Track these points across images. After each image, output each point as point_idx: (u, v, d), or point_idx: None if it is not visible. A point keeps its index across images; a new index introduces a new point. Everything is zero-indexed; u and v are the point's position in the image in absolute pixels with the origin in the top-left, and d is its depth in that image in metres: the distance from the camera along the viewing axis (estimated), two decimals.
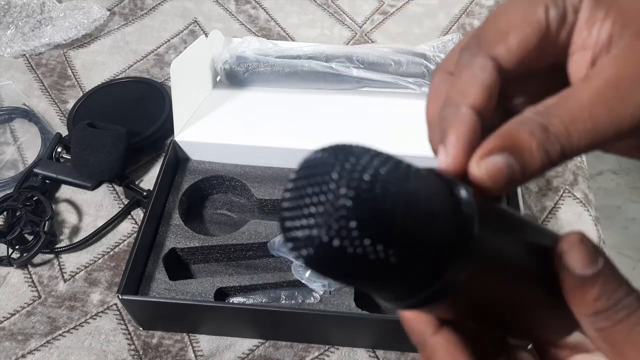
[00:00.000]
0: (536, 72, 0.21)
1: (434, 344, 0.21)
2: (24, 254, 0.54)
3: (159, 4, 0.80)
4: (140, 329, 0.51)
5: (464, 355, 0.20)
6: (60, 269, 0.55)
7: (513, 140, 0.18)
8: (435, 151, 0.21)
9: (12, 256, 0.54)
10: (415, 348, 0.24)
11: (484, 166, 0.18)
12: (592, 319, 0.19)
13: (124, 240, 0.57)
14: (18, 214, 0.56)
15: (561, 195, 0.60)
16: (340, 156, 0.16)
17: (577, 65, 0.20)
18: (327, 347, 0.49)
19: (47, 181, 0.59)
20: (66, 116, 0.66)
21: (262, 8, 0.79)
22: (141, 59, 0.73)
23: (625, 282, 0.19)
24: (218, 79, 0.64)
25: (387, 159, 0.17)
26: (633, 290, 0.19)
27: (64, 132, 0.63)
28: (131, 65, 0.72)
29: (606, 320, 0.19)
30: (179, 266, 0.54)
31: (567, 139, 0.18)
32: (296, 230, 0.16)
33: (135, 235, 0.52)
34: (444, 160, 0.20)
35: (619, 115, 0.18)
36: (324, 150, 0.17)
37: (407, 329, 0.22)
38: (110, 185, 0.60)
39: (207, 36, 0.63)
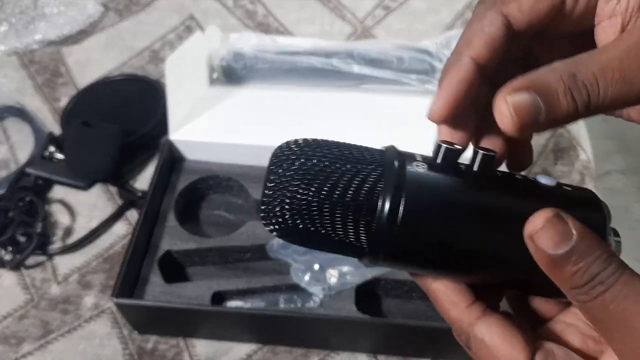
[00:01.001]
0: (561, 36, 0.22)
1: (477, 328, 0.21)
2: (17, 256, 0.53)
3: None
4: (135, 333, 0.50)
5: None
6: (54, 272, 0.54)
7: (541, 82, 0.19)
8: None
9: (4, 258, 0.53)
10: (418, 353, 0.24)
11: (511, 100, 0.18)
12: (570, 293, 0.19)
13: (119, 242, 0.56)
14: (10, 214, 0.55)
15: None
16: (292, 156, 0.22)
17: (605, 32, 0.21)
18: (327, 352, 0.49)
19: (39, 181, 0.58)
20: (59, 114, 0.65)
21: (261, 3, 0.78)
22: (136, 56, 0.72)
23: (601, 255, 0.19)
24: (215, 76, 0.63)
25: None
26: (611, 261, 0.19)
27: (58, 131, 0.62)
28: (126, 62, 0.71)
29: (584, 295, 0.19)
30: (175, 268, 0.53)
31: (594, 88, 0.18)
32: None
33: (129, 236, 0.51)
34: (433, 103, 0.21)
35: None
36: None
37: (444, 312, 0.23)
38: (105, 186, 0.59)
39: (203, 32, 0.61)
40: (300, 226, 0.21)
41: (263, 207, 0.21)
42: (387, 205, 0.20)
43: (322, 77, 0.61)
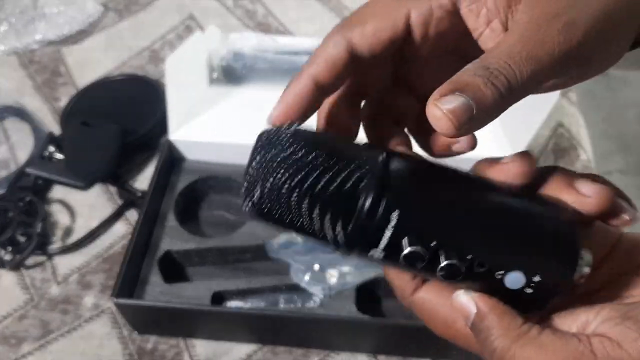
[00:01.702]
0: (444, 55, 0.24)
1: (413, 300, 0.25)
2: (16, 256, 0.53)
3: None
4: (135, 333, 0.50)
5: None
6: (53, 272, 0.54)
7: (462, 82, 0.20)
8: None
9: (4, 258, 0.53)
10: (418, 353, 0.26)
11: (442, 105, 0.19)
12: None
13: (118, 242, 0.56)
14: (10, 214, 0.55)
15: None
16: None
17: (491, 39, 0.23)
18: (327, 352, 0.49)
19: (39, 181, 0.58)
20: (59, 114, 0.65)
21: (260, 3, 0.78)
22: (136, 56, 0.72)
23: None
24: (215, 75, 0.63)
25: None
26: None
27: (57, 131, 0.62)
28: (126, 62, 0.71)
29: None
30: (175, 269, 0.53)
31: (509, 71, 0.20)
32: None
33: (129, 236, 0.51)
34: (272, 110, 0.23)
35: (547, 41, 0.20)
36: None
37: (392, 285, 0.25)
38: (104, 186, 0.59)
39: (203, 32, 0.61)
40: (276, 215, 0.21)
41: (245, 185, 0.21)
42: (367, 204, 0.20)
43: None
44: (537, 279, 0.21)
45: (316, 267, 0.49)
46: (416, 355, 0.48)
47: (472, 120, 0.19)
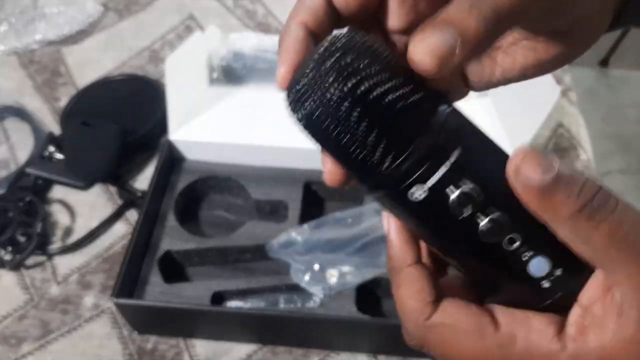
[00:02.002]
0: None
1: (407, 272, 0.23)
2: (16, 256, 0.53)
3: None
4: (135, 333, 0.50)
5: (431, 284, 0.22)
6: (53, 272, 0.54)
7: (442, 17, 0.19)
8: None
9: (4, 258, 0.53)
10: (419, 354, 0.24)
11: (425, 43, 0.19)
12: (570, 224, 0.19)
13: (118, 242, 0.56)
14: (10, 214, 0.55)
15: None
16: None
17: None
18: (327, 352, 0.49)
19: (39, 181, 0.58)
20: (59, 114, 0.65)
21: (260, 3, 0.78)
22: (136, 56, 0.72)
23: (587, 179, 0.19)
24: (215, 75, 0.63)
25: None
26: (599, 186, 0.19)
27: (57, 131, 0.62)
28: (126, 62, 0.71)
29: (586, 221, 0.19)
30: (175, 269, 0.53)
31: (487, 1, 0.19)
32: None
33: (129, 236, 0.51)
34: (277, 71, 0.21)
35: None
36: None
37: (390, 252, 0.24)
38: (104, 186, 0.59)
39: (203, 32, 0.61)
40: (324, 127, 0.20)
41: (294, 92, 0.20)
42: (425, 140, 0.19)
43: None
44: (558, 272, 0.21)
45: (316, 267, 0.49)
46: (416, 355, 0.48)
47: (455, 53, 0.19)
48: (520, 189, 0.19)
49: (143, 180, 0.59)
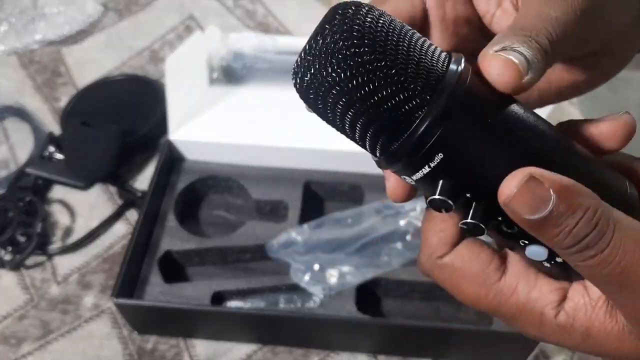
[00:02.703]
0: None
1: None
2: (16, 256, 0.53)
3: None
4: (135, 333, 0.50)
5: (455, 229, 0.23)
6: (53, 272, 0.54)
7: (509, 41, 0.19)
8: None
9: (4, 258, 0.53)
10: (418, 353, 0.25)
11: (502, 54, 0.19)
12: (561, 254, 0.19)
13: (118, 242, 0.56)
14: (10, 214, 0.55)
15: None
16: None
17: (502, 18, 0.23)
18: (327, 352, 0.49)
19: (39, 181, 0.58)
20: (59, 114, 0.65)
21: (260, 3, 0.78)
22: (136, 56, 0.72)
23: (585, 215, 0.18)
24: (215, 76, 0.62)
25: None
26: (597, 221, 0.18)
27: (57, 131, 0.62)
28: (125, 62, 0.71)
29: (576, 256, 0.18)
30: (175, 269, 0.53)
31: (544, 31, 0.20)
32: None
33: (129, 236, 0.51)
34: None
35: (568, 2, 0.20)
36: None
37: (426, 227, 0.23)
38: (104, 186, 0.59)
39: (203, 32, 0.61)
40: (319, 107, 0.20)
41: (297, 64, 0.20)
42: (410, 142, 0.19)
43: None
44: (559, 259, 0.20)
45: (316, 267, 0.49)
46: (416, 355, 0.48)
47: (521, 74, 0.19)
48: (510, 215, 0.19)
49: (143, 180, 0.59)
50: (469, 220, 0.20)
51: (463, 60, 0.20)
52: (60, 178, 0.58)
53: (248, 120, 0.58)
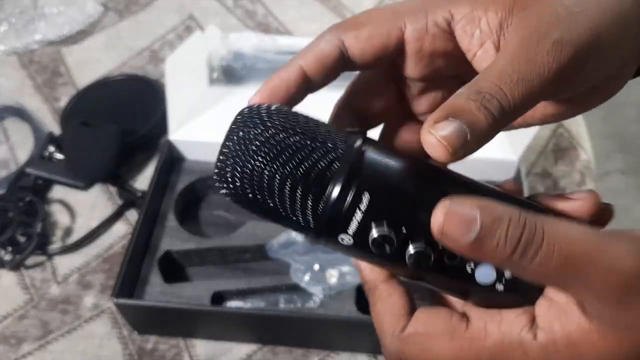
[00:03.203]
0: (448, 77, 0.24)
1: (381, 289, 0.24)
2: (16, 256, 0.53)
3: None
4: (135, 333, 0.50)
5: (404, 298, 0.24)
6: (53, 272, 0.54)
7: (455, 107, 0.20)
8: None
9: (4, 258, 0.53)
10: None
11: (436, 132, 0.19)
12: (509, 267, 0.20)
13: (118, 242, 0.56)
14: (10, 214, 0.55)
15: None
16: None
17: (484, 59, 0.22)
18: (327, 352, 0.49)
19: (39, 181, 0.58)
20: (59, 114, 0.65)
21: (260, 3, 0.78)
22: (136, 56, 0.72)
23: (513, 218, 0.19)
24: (215, 76, 0.63)
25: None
26: (525, 219, 0.19)
27: (57, 131, 0.62)
28: (126, 62, 0.71)
29: (520, 261, 0.19)
30: (175, 269, 0.53)
31: (501, 94, 0.20)
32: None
33: (129, 236, 0.51)
34: (253, 97, 0.23)
35: (537, 62, 0.20)
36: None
37: (362, 275, 0.25)
38: (104, 186, 0.59)
39: (203, 32, 0.61)
40: (250, 195, 0.21)
41: (217, 169, 0.21)
42: (336, 190, 0.20)
43: None
44: (508, 274, 0.21)
45: (316, 267, 0.49)
46: None
47: (466, 145, 0.19)
48: (450, 245, 0.20)
49: (143, 180, 0.59)
50: (412, 252, 0.21)
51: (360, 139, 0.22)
52: (60, 178, 0.58)
53: None
